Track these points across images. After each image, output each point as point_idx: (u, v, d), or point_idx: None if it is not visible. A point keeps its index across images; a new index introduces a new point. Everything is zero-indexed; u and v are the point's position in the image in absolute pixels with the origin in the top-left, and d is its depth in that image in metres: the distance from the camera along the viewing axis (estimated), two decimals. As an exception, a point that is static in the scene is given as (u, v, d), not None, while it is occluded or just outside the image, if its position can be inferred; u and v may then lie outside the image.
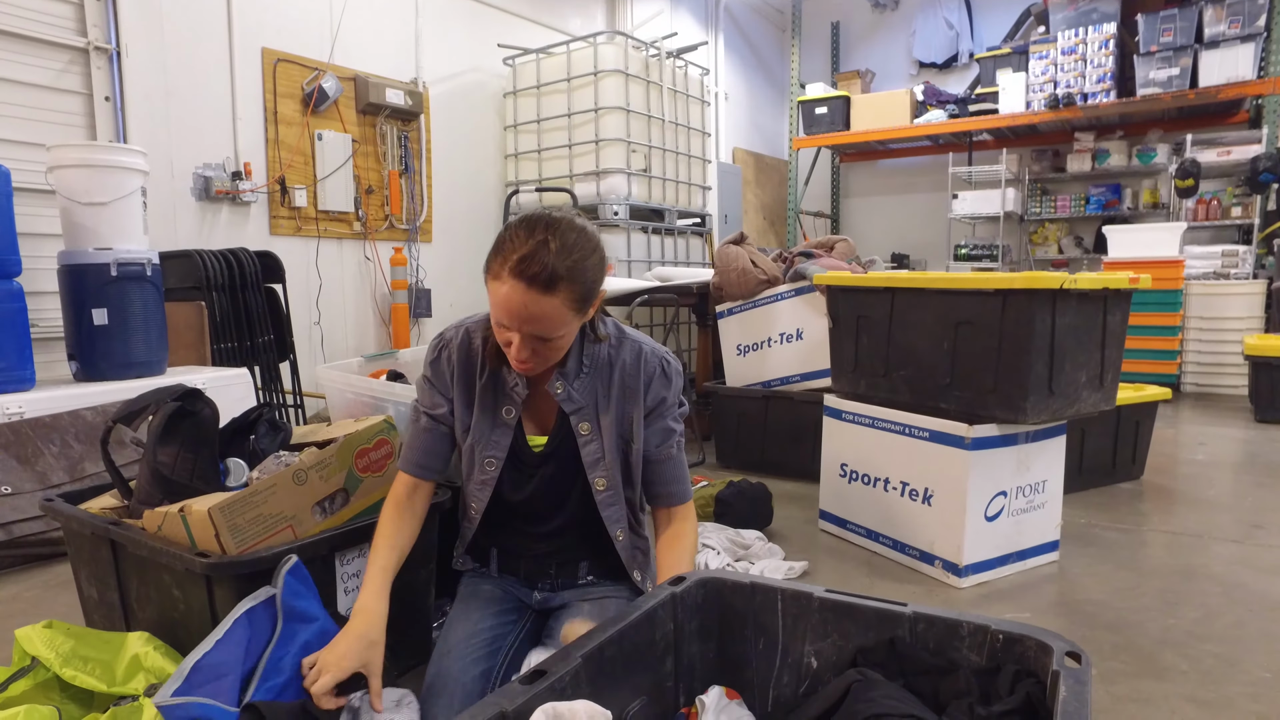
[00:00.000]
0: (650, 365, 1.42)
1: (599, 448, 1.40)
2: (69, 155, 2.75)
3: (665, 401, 1.42)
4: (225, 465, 1.58)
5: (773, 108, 8.69)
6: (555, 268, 1.18)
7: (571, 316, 1.25)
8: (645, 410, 1.41)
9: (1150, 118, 6.56)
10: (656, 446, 1.43)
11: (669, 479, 1.44)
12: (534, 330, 1.22)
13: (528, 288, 1.18)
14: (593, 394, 1.40)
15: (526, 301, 1.19)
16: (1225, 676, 1.64)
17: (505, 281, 1.19)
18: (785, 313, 3.29)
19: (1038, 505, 2.24)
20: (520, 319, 1.21)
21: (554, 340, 1.26)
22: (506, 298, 1.20)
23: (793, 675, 1.15)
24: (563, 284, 1.20)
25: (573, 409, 1.40)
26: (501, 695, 0.88)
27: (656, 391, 1.42)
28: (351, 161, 4.56)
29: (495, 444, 1.42)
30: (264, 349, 3.60)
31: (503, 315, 1.22)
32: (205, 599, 1.34)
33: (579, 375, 1.39)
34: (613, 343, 1.42)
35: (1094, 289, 2.06)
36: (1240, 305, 5.21)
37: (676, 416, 1.45)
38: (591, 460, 1.41)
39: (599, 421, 1.40)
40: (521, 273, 1.18)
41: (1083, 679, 0.87)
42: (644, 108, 4.99)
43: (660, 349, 1.45)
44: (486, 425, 1.42)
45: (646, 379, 1.41)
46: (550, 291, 1.19)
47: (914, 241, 8.01)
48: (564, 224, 1.23)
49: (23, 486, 2.38)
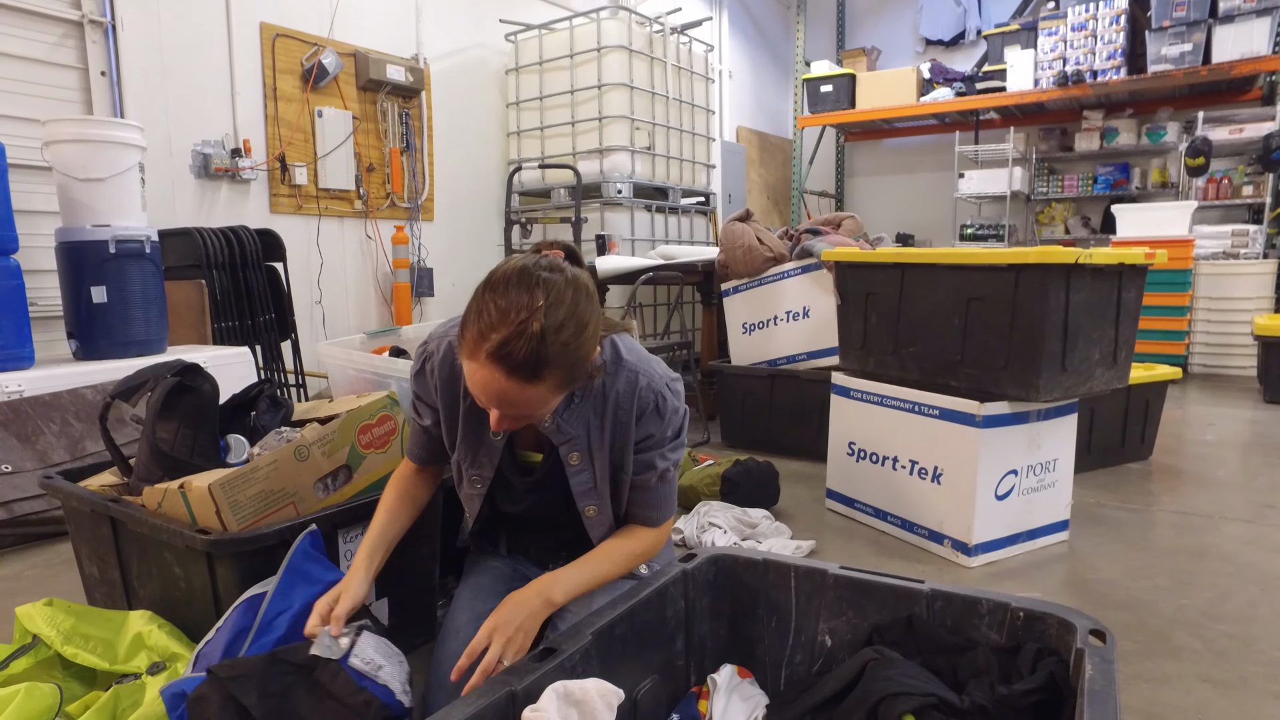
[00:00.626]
0: (645, 400, 1.27)
1: (590, 478, 1.30)
2: (65, 130, 2.71)
3: (653, 438, 1.29)
4: (226, 442, 1.55)
5: (777, 86, 8.59)
6: (540, 355, 1.03)
7: (558, 396, 1.13)
8: (636, 441, 1.30)
9: (1161, 95, 6.46)
10: (636, 474, 1.31)
11: (644, 503, 1.32)
12: (515, 413, 1.11)
13: (508, 377, 1.03)
14: (584, 423, 1.28)
15: (509, 389, 1.05)
16: (1240, 656, 1.62)
17: (482, 365, 1.04)
18: (792, 290, 3.25)
19: (1048, 484, 2.22)
20: (501, 403, 1.08)
21: (534, 416, 1.15)
22: (484, 383, 1.05)
23: (806, 654, 1.12)
24: (549, 372, 1.05)
25: (562, 440, 1.28)
26: (511, 673, 0.86)
27: (646, 427, 1.29)
28: (352, 139, 4.50)
29: (482, 463, 1.34)
30: (265, 328, 3.57)
31: (481, 396, 1.09)
32: (207, 577, 1.32)
33: (569, 406, 1.26)
34: (609, 370, 1.28)
35: (1109, 264, 2.02)
36: (1250, 285, 5.16)
37: (666, 452, 1.32)
38: (582, 490, 1.31)
39: (590, 451, 1.29)
40: (501, 359, 1.02)
41: (1108, 657, 0.85)
42: (648, 84, 4.92)
43: (659, 380, 1.29)
44: (472, 445, 1.34)
45: (639, 412, 1.28)
46: (534, 380, 1.05)
47: (919, 221, 7.94)
48: (553, 299, 1.05)
49: (23, 465, 2.36)
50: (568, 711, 0.86)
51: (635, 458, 1.29)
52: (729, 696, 1.10)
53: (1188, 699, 1.46)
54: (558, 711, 0.85)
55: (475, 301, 1.07)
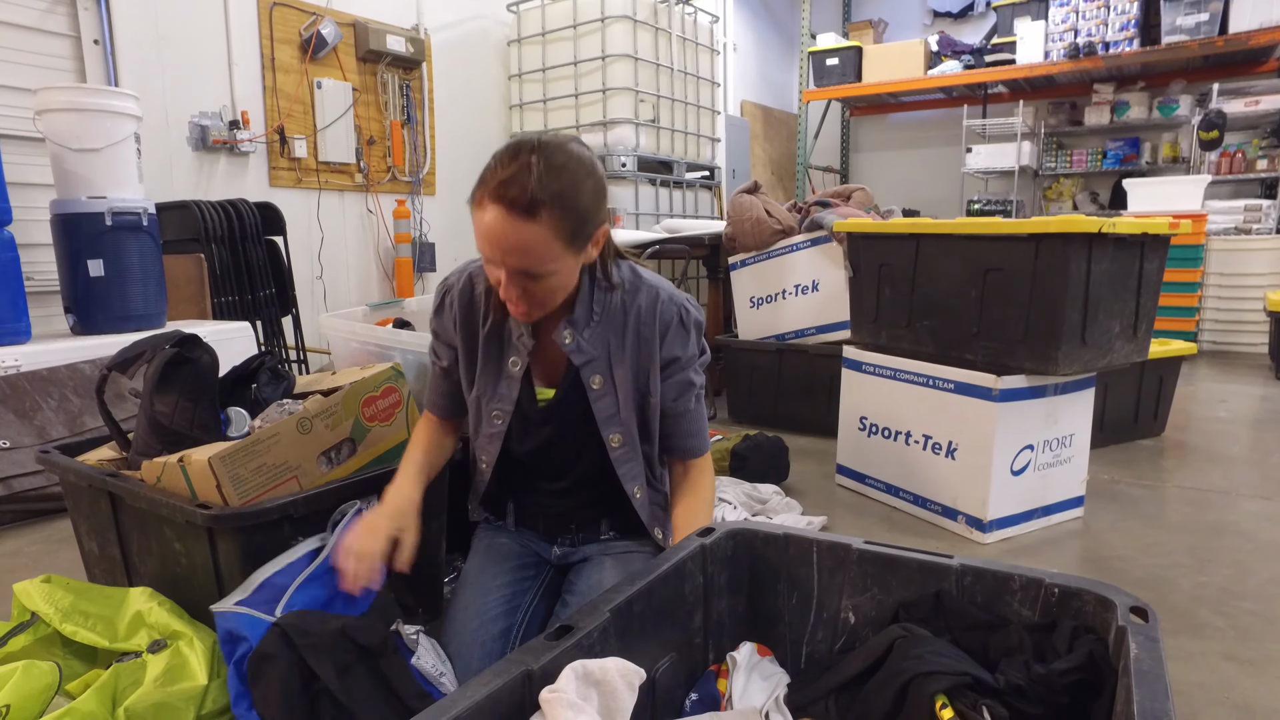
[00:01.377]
0: (667, 314, 1.29)
1: (613, 402, 1.29)
2: (57, 98, 2.64)
3: (681, 359, 1.32)
4: (226, 414, 1.51)
5: (782, 59, 8.46)
6: (538, 192, 1.06)
7: (561, 250, 1.12)
8: (661, 363, 1.30)
9: (1174, 68, 6.34)
10: (673, 400, 1.32)
11: (686, 433, 1.35)
12: (519, 264, 1.10)
13: (508, 213, 1.06)
14: (604, 344, 1.28)
15: (507, 230, 1.07)
16: (1264, 634, 1.59)
17: (487, 209, 1.08)
18: (801, 264, 3.20)
19: (1064, 459, 2.18)
20: (503, 250, 1.09)
21: (545, 279, 1.13)
22: (488, 226, 1.08)
23: (828, 631, 1.09)
24: (545, 210, 1.07)
25: (583, 360, 1.28)
26: (526, 652, 0.82)
27: (673, 343, 1.30)
28: (352, 111, 4.42)
29: (502, 397, 1.33)
30: (265, 303, 3.52)
31: (485, 246, 1.11)
32: (208, 552, 1.28)
33: (589, 324, 1.27)
34: (627, 288, 1.29)
35: (1132, 234, 1.97)
36: (1262, 261, 5.09)
37: (697, 368, 1.35)
38: (605, 416, 1.30)
39: (613, 374, 1.29)
40: (501, 197, 1.06)
41: (1154, 635, 0.81)
42: (652, 56, 4.83)
43: (679, 295, 1.33)
44: (491, 377, 1.33)
45: (662, 329, 1.29)
46: (532, 218, 1.07)
47: (925, 197, 7.84)
48: (553, 146, 1.11)
49: (21, 441, 2.32)
50: (587, 691, 0.82)
51: (671, 381, 1.32)
52: (749, 675, 1.06)
53: (1212, 677, 1.43)
54: (577, 691, 0.81)
55: (487, 164, 1.13)
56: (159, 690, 1.17)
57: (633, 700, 0.84)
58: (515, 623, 1.32)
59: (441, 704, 0.73)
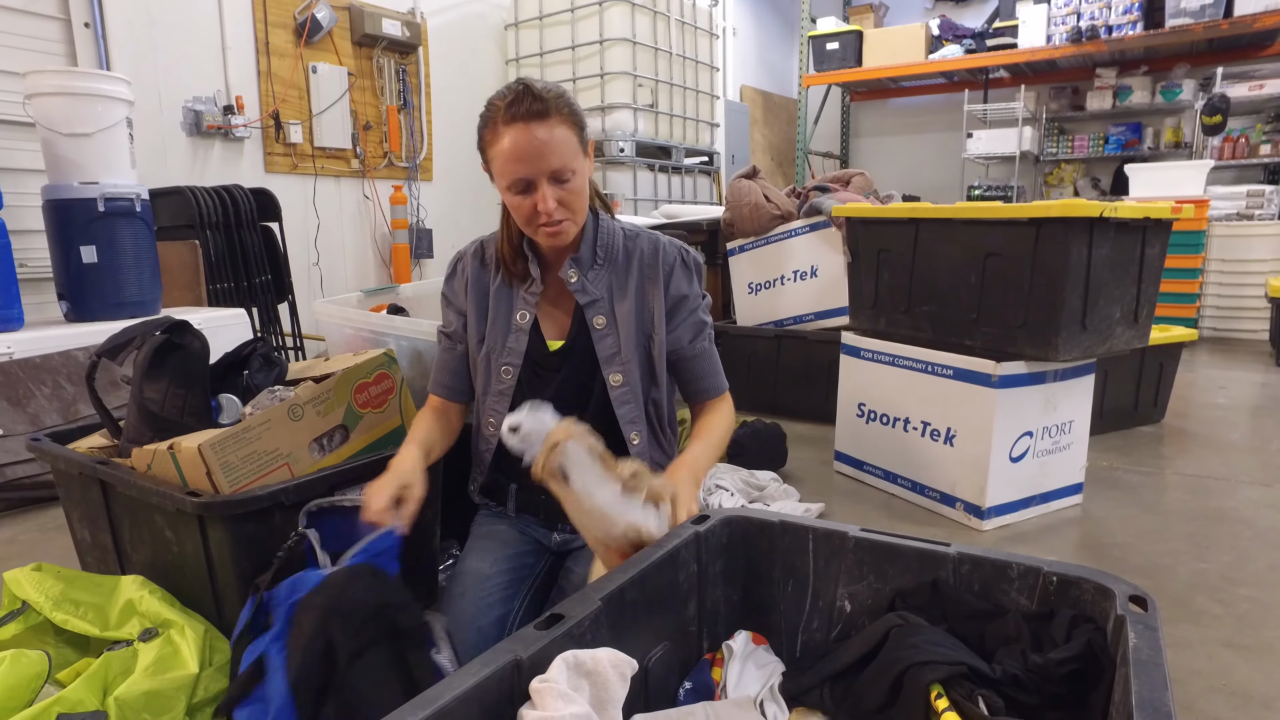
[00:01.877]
0: (669, 256, 1.36)
1: (615, 342, 1.34)
2: (46, 82, 2.61)
3: (688, 298, 1.37)
4: (218, 401, 1.49)
5: (782, 43, 8.39)
6: (545, 96, 1.18)
7: (577, 146, 1.22)
8: (668, 304, 1.35)
9: (1178, 51, 6.29)
10: (690, 342, 1.37)
11: (704, 373, 1.39)
12: (554, 165, 1.19)
13: (527, 124, 1.17)
14: (608, 285, 1.35)
15: (533, 137, 1.17)
16: (1263, 621, 1.58)
17: (506, 133, 1.18)
18: (799, 249, 3.18)
19: (1063, 446, 2.16)
20: (535, 157, 1.18)
21: (572, 179, 1.22)
22: (514, 144, 1.17)
23: (824, 620, 1.07)
24: (555, 109, 1.18)
25: (587, 300, 1.34)
26: (515, 641, 0.81)
27: (679, 284, 1.36)
28: (348, 96, 4.39)
29: (511, 350, 1.36)
30: (261, 289, 3.50)
31: (515, 164, 1.19)
32: (199, 540, 1.27)
33: (593, 265, 1.34)
34: (629, 233, 1.38)
35: (1134, 219, 1.95)
36: (1264, 247, 5.05)
37: (704, 309, 1.41)
38: (607, 355, 1.34)
39: (615, 314, 1.34)
40: (516, 115, 1.17)
41: (1152, 624, 0.80)
42: (651, 40, 4.78)
43: (678, 241, 1.40)
44: (501, 332, 1.37)
45: (667, 270, 1.35)
46: (548, 118, 1.18)
47: (926, 183, 7.80)
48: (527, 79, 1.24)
49: (14, 428, 2.31)
50: (578, 682, 0.81)
51: (685, 323, 1.37)
52: (743, 664, 1.05)
53: (1211, 664, 1.43)
54: (568, 682, 0.80)
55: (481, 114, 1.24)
56: (150, 679, 1.16)
57: (624, 691, 0.83)
58: (512, 610, 1.31)
59: (428, 694, 0.72)
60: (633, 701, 0.87)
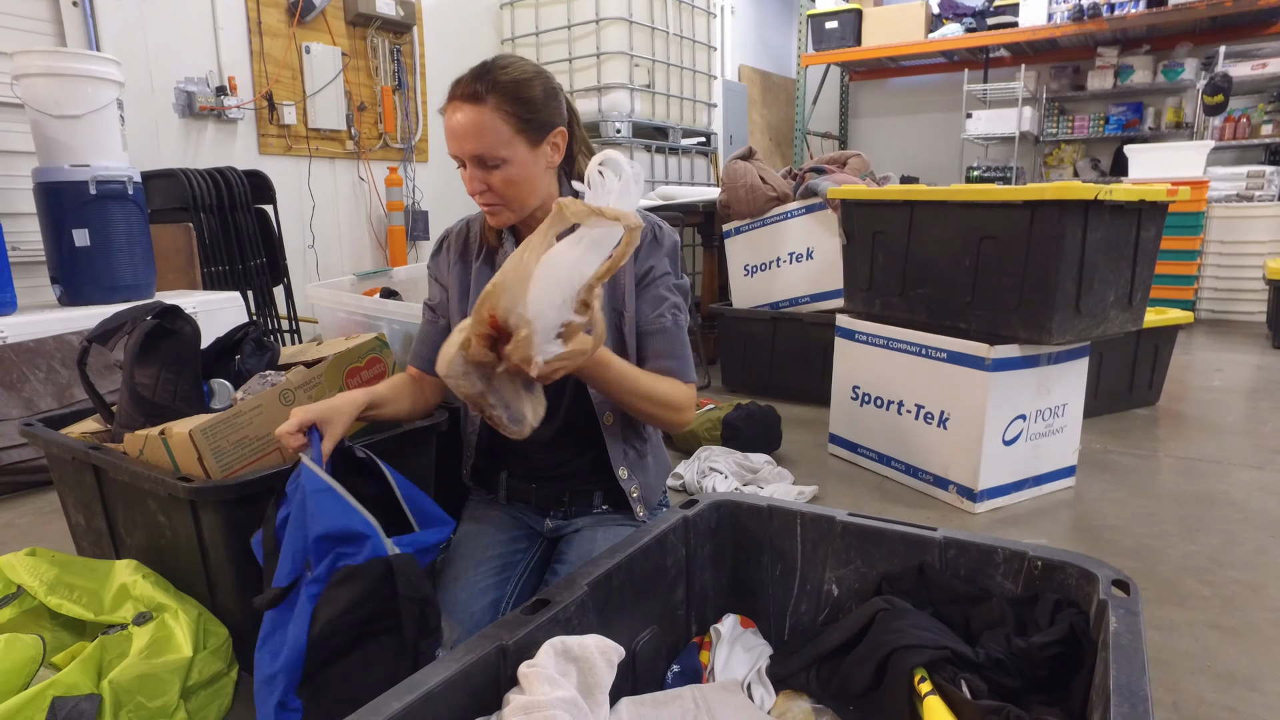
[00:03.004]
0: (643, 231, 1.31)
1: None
2: (34, 63, 2.58)
3: (654, 269, 1.31)
4: (209, 386, 1.49)
5: (780, 22, 8.30)
6: (482, 80, 1.18)
7: (510, 135, 1.19)
8: (636, 276, 1.30)
9: (1180, 30, 6.22)
10: (650, 314, 1.30)
11: (662, 352, 1.28)
12: (474, 149, 1.19)
13: (459, 103, 1.19)
14: None
15: (460, 118, 1.18)
16: (1248, 602, 1.60)
17: (447, 109, 1.21)
18: (795, 231, 3.16)
19: (1057, 429, 2.17)
20: (459, 138, 1.19)
21: (500, 167, 1.20)
22: (447, 122, 1.20)
23: (811, 603, 1.08)
24: (492, 95, 1.18)
25: None
26: (502, 626, 0.82)
27: (645, 257, 1.31)
28: (342, 76, 4.34)
29: None
30: (256, 272, 3.48)
31: (449, 144, 1.21)
32: (192, 525, 1.28)
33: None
34: None
35: (1129, 201, 1.94)
36: (1263, 229, 5.04)
37: (672, 286, 1.33)
38: None
39: None
40: (453, 94, 1.20)
41: (1134, 609, 0.80)
42: (647, 19, 4.73)
43: (652, 217, 1.35)
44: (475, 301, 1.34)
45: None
46: (479, 102, 1.18)
47: (924, 163, 7.76)
48: (505, 57, 1.24)
49: (9, 413, 2.31)
50: (566, 667, 0.82)
51: (646, 296, 1.31)
52: (731, 647, 1.06)
53: (1196, 646, 1.44)
54: (555, 667, 0.81)
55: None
56: (145, 662, 1.17)
57: (612, 676, 0.84)
58: (505, 595, 1.31)
59: (414, 679, 0.73)
60: (620, 685, 0.88)
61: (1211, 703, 1.27)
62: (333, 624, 1.01)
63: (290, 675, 0.99)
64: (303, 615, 1.02)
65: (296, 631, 1.01)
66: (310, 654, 1.00)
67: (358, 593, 1.02)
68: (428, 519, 1.23)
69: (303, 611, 1.02)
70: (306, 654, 1.00)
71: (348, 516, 1.07)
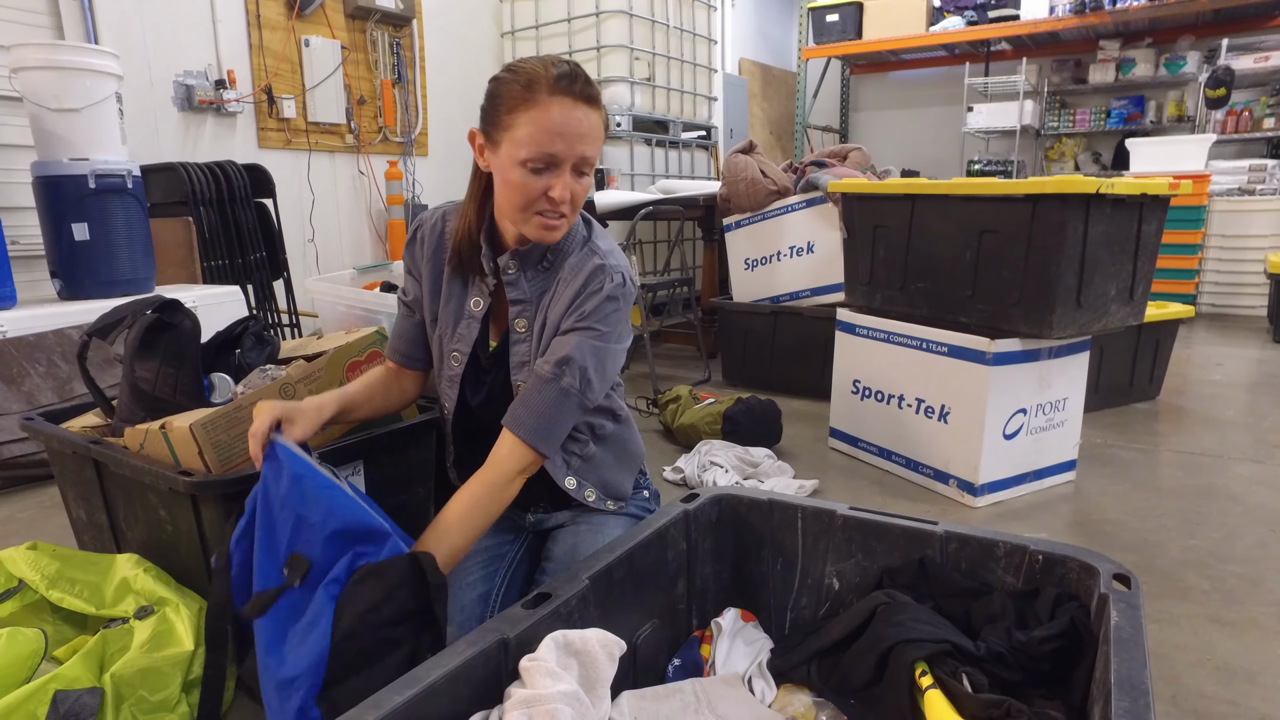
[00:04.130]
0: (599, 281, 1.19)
1: (528, 349, 1.25)
2: (32, 56, 2.57)
3: (587, 310, 1.18)
4: (209, 380, 1.49)
5: (781, 15, 8.27)
6: (592, 85, 1.13)
7: (602, 145, 1.18)
8: (563, 314, 1.21)
9: (1183, 22, 6.20)
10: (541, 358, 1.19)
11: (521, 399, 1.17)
12: (588, 152, 1.13)
13: (577, 102, 1.10)
14: (540, 291, 1.25)
15: (581, 117, 1.11)
16: (1248, 596, 1.60)
17: (551, 103, 1.09)
18: (796, 225, 3.16)
19: (1057, 424, 2.17)
20: (576, 137, 1.11)
21: (586, 176, 1.16)
22: (560, 117, 1.09)
23: (812, 597, 1.08)
24: (600, 102, 1.14)
25: (515, 297, 1.24)
26: (503, 620, 0.82)
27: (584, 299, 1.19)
28: (341, 70, 4.33)
29: (461, 337, 1.29)
30: (256, 266, 3.48)
31: (552, 139, 1.09)
32: (192, 519, 1.28)
33: (537, 266, 1.24)
34: (590, 249, 1.24)
35: (1131, 195, 1.93)
36: (1265, 223, 5.03)
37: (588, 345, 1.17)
38: (518, 361, 1.25)
39: (535, 320, 1.24)
40: (568, 90, 1.09)
41: (1134, 603, 0.80)
42: (648, 11, 4.72)
43: (621, 267, 1.23)
44: (452, 316, 1.30)
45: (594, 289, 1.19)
46: (597, 106, 1.13)
47: (925, 157, 7.74)
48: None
49: (9, 407, 2.31)
50: (567, 661, 0.82)
51: (557, 338, 1.19)
52: (732, 641, 1.07)
53: (1195, 639, 1.44)
54: (557, 661, 0.81)
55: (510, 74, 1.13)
56: (145, 656, 1.17)
57: (613, 670, 0.84)
58: (494, 587, 1.31)
59: (416, 672, 0.73)
60: (621, 679, 0.88)
61: (1211, 696, 1.27)
62: (359, 620, 0.97)
63: (313, 679, 0.95)
64: (324, 615, 0.98)
65: (319, 633, 0.97)
66: (335, 655, 0.96)
67: (382, 591, 0.99)
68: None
69: (323, 612, 0.98)
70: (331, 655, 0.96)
71: (362, 513, 1.03)
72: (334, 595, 0.98)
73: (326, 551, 1.00)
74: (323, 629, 0.96)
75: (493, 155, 1.16)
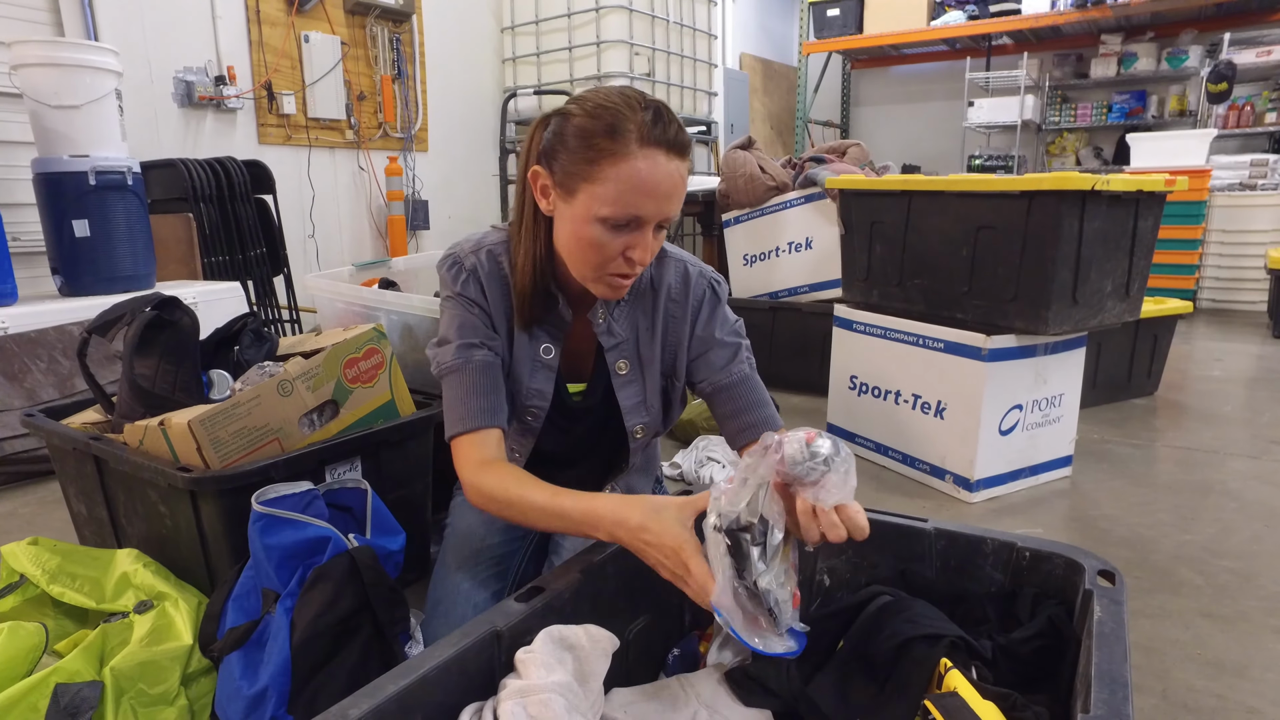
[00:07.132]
0: (699, 288, 1.18)
1: (639, 390, 1.20)
2: (32, 52, 2.58)
3: (717, 327, 1.19)
4: (208, 377, 1.51)
5: (782, 10, 8.26)
6: (684, 131, 1.02)
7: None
8: (695, 344, 1.19)
9: (1185, 17, 6.19)
10: (723, 367, 1.17)
11: (751, 403, 1.16)
12: (673, 211, 1.02)
13: (670, 155, 0.98)
14: (633, 326, 1.18)
15: (674, 175, 0.99)
16: (1241, 591, 1.61)
17: (642, 155, 0.96)
18: (794, 221, 3.16)
19: (1053, 419, 2.18)
20: (667, 196, 1.00)
21: (664, 230, 1.07)
22: (651, 174, 0.97)
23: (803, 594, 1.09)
24: (690, 147, 1.04)
25: (612, 344, 1.18)
26: (495, 613, 0.83)
27: (707, 318, 1.18)
28: (341, 66, 4.33)
29: (537, 392, 1.20)
30: (256, 262, 3.49)
31: (642, 199, 0.98)
32: (191, 515, 1.29)
33: (620, 303, 1.17)
34: (654, 262, 1.18)
35: (1126, 192, 1.94)
36: (1266, 218, 5.02)
37: (735, 330, 1.21)
38: (631, 404, 1.20)
39: (639, 356, 1.19)
40: (662, 140, 0.97)
41: (1118, 599, 0.81)
42: (648, 7, 4.72)
43: (708, 269, 1.22)
44: (526, 367, 1.19)
45: (695, 304, 1.18)
46: (687, 156, 1.02)
47: (926, 152, 7.74)
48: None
49: (11, 403, 2.32)
50: (561, 655, 0.83)
51: (713, 350, 1.18)
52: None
53: (1187, 634, 1.45)
54: (552, 654, 0.82)
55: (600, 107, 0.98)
56: (146, 650, 1.18)
57: (606, 666, 0.85)
58: (507, 585, 1.32)
59: (410, 663, 0.74)
60: (614, 674, 0.89)
61: (1200, 690, 1.28)
62: (311, 625, 1.04)
63: (279, 689, 1.01)
64: (281, 630, 1.05)
65: (279, 644, 1.04)
66: (295, 663, 1.03)
67: (329, 592, 1.06)
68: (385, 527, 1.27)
69: (280, 626, 1.06)
70: (292, 664, 1.02)
71: (302, 528, 1.12)
72: (289, 609, 1.07)
73: (281, 576, 1.11)
74: (282, 641, 1.04)
75: (563, 203, 1.03)
